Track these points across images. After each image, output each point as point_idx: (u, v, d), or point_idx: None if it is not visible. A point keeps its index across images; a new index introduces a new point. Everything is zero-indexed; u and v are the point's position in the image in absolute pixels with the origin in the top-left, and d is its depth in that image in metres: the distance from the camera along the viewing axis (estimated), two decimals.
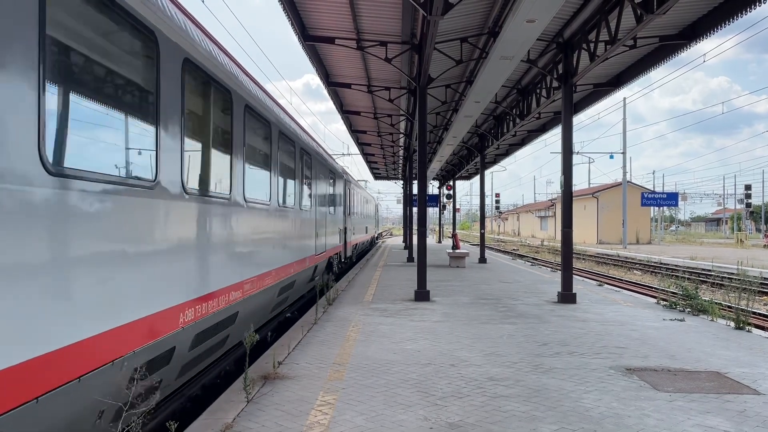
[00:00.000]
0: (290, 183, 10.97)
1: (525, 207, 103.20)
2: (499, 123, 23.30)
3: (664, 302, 12.68)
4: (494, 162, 35.58)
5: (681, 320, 10.56)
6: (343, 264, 21.14)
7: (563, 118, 13.61)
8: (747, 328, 9.76)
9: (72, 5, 3.88)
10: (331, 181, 17.12)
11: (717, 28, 11.31)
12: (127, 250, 4.44)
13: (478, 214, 29.71)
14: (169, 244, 5.18)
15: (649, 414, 5.47)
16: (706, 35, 11.72)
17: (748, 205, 60.79)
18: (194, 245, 5.76)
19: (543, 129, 24.35)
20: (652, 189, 68.82)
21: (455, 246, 25.78)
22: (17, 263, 3.26)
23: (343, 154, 49.77)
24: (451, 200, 43.99)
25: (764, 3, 9.74)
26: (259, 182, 8.57)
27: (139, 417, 4.36)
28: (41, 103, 3.44)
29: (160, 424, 5.68)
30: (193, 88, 6.01)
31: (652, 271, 27.78)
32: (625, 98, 46.90)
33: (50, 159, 3.57)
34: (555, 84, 15.05)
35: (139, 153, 4.89)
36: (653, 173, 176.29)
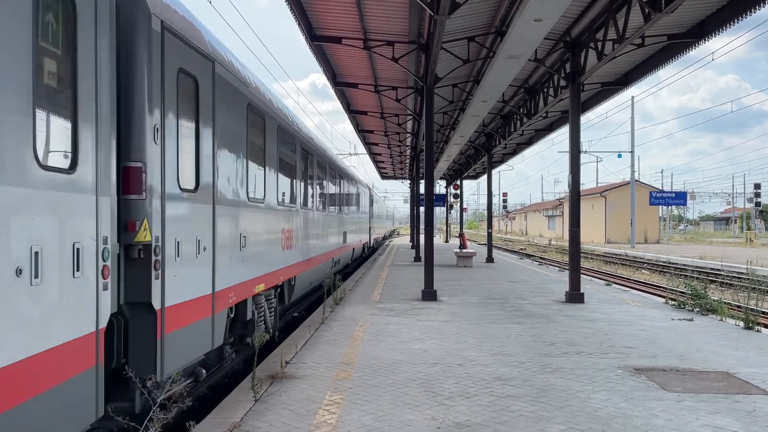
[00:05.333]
0: (384, 213, 52.03)
1: (532, 206, 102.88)
2: (506, 122, 23.24)
3: (673, 302, 12.61)
4: (501, 161, 35.48)
5: (690, 320, 10.51)
6: (387, 237, 58.76)
7: (571, 117, 13.56)
8: (756, 327, 9.71)
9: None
10: (388, 209, 60.10)
11: (725, 27, 11.23)
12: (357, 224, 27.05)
13: (486, 214, 29.65)
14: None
15: (658, 414, 5.45)
16: (715, 33, 11.64)
17: (758, 204, 60.37)
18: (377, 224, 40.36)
19: (550, 128, 24.25)
20: (661, 188, 68.43)
21: (462, 245, 25.74)
22: None
23: (350, 154, 49.81)
24: (458, 200, 43.95)
25: None
26: (382, 216, 48.53)
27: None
28: None
29: (171, 422, 5.71)
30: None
31: (660, 271, 27.63)
32: (633, 97, 46.75)
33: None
34: (562, 83, 14.99)
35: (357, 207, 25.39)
36: (662, 172, 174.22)
